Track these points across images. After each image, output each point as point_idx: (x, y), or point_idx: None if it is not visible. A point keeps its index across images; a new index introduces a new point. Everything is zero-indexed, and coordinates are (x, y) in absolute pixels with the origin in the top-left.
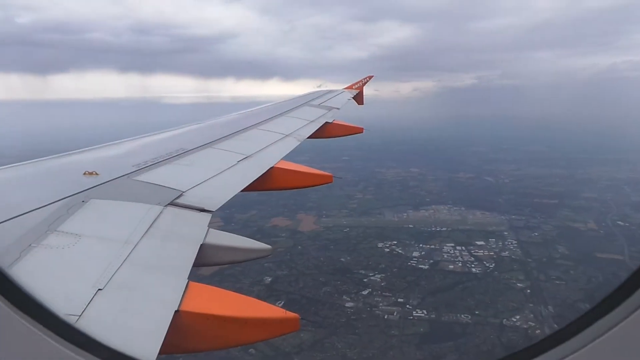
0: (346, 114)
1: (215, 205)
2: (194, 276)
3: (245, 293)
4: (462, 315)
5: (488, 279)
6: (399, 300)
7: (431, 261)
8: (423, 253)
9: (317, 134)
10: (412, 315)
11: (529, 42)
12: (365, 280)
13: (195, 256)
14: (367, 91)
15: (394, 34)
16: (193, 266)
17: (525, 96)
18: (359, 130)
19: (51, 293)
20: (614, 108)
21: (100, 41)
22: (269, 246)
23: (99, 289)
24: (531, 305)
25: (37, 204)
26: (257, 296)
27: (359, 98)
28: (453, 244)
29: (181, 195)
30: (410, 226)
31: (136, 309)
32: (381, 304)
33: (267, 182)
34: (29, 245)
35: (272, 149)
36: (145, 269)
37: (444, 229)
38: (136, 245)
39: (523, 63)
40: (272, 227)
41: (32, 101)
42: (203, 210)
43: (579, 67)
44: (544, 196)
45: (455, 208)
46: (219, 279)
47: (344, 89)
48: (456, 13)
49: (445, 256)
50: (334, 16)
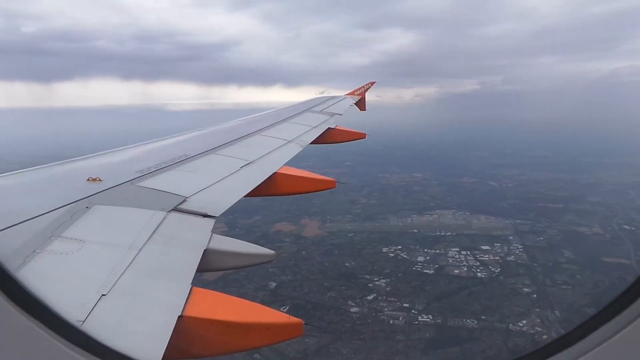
0: (348, 119)
1: (218, 211)
2: (198, 281)
3: (249, 298)
4: (468, 320)
5: (494, 283)
6: (405, 305)
7: (436, 266)
8: (428, 258)
9: (320, 140)
10: (418, 320)
11: (531, 47)
12: (370, 285)
13: (198, 262)
14: (370, 97)
15: (397, 40)
16: (197, 272)
17: (528, 101)
18: (361, 136)
19: (55, 298)
20: (617, 112)
21: (104, 49)
22: (273, 251)
23: (102, 295)
24: (537, 310)
25: (41, 210)
26: (261, 301)
27: (361, 104)
28: (458, 249)
29: (184, 200)
30: (415, 231)
31: (140, 314)
32: (386, 309)
33: (270, 187)
34: (33, 251)
35: (275, 155)
36: (149, 274)
37: (448, 233)
38: (140, 251)
39: (526, 68)
40: (276, 233)
41: (37, 109)
42: (206, 215)
43: (581, 71)
44: (549, 200)
45: (459, 213)
46: (223, 284)
47: (346, 95)
48: (459, 19)
49: (451, 261)
50: (337, 24)
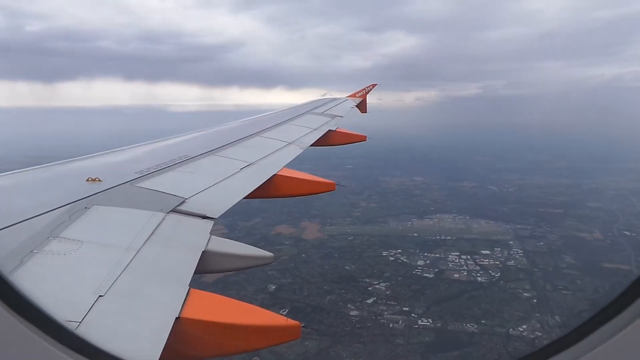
0: (349, 122)
1: (217, 212)
2: (197, 283)
3: (249, 301)
4: (468, 325)
5: (494, 288)
6: (404, 309)
7: (436, 270)
8: (428, 262)
9: (321, 142)
10: (418, 324)
11: (535, 52)
12: (370, 288)
13: (197, 263)
14: (371, 100)
15: (399, 43)
16: (195, 273)
17: (530, 106)
18: (362, 139)
19: (52, 299)
20: (619, 118)
21: (108, 49)
22: (271, 254)
23: (100, 296)
24: (538, 314)
25: (40, 210)
26: (261, 304)
27: (362, 106)
28: (458, 253)
29: (184, 202)
30: (415, 235)
31: (137, 315)
32: (386, 313)
33: (270, 189)
34: (31, 251)
35: (275, 157)
36: (147, 275)
37: (448, 237)
38: (138, 252)
39: (528, 73)
40: (276, 235)
41: (39, 108)
42: (205, 217)
43: (585, 77)
44: (549, 205)
45: (459, 217)
46: (222, 286)
47: (347, 97)
48: (461, 23)
49: (451, 265)
50: (341, 26)
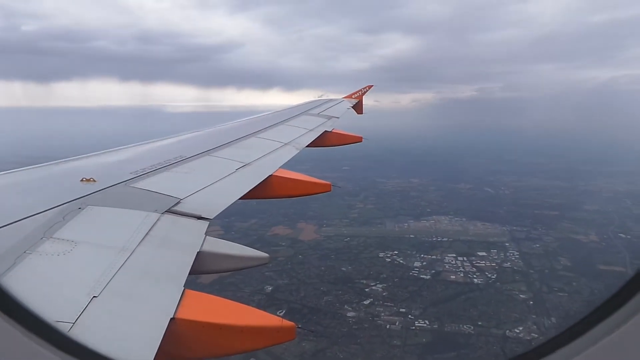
0: (346, 123)
1: (212, 213)
2: (193, 284)
3: (245, 302)
4: (465, 326)
5: (490, 289)
6: (401, 310)
7: (433, 271)
8: (424, 263)
9: (317, 143)
10: (415, 326)
11: (530, 54)
12: (366, 290)
13: (192, 264)
14: (367, 101)
15: (396, 45)
16: (190, 274)
17: (526, 108)
18: (358, 140)
19: (45, 300)
20: (614, 120)
21: (104, 50)
22: (267, 254)
23: (94, 296)
24: (534, 316)
25: (33, 210)
26: (257, 305)
27: (358, 107)
28: (454, 255)
29: (179, 202)
30: (412, 236)
31: (131, 316)
32: (383, 314)
33: (265, 190)
34: (24, 252)
35: (271, 157)
36: (142, 276)
37: (445, 239)
38: (132, 253)
39: (524, 75)
40: (272, 236)
41: (34, 108)
42: (200, 217)
43: (579, 79)
44: (545, 208)
45: (456, 219)
46: (219, 287)
47: (344, 98)
48: (459, 25)
49: (447, 266)
50: (338, 28)
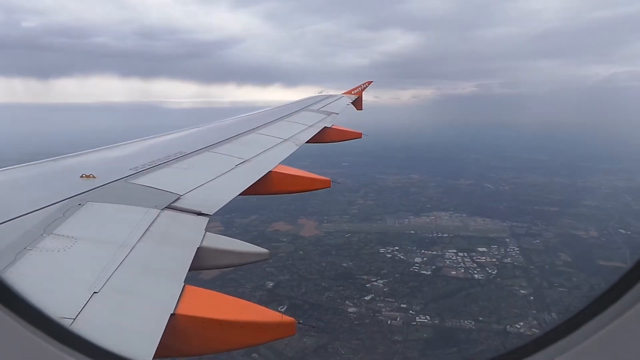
0: (345, 119)
1: (212, 209)
2: (195, 280)
3: (247, 297)
4: (466, 321)
5: (491, 285)
6: (402, 305)
7: (433, 267)
8: (425, 259)
9: (316, 139)
10: (416, 321)
11: (531, 51)
12: (367, 285)
13: (192, 260)
14: (367, 97)
15: (397, 41)
16: (190, 270)
17: (526, 104)
18: (357, 136)
19: (46, 296)
20: (614, 117)
21: (105, 45)
22: (267, 250)
23: (94, 292)
24: (534, 311)
25: (34, 206)
26: (259, 301)
27: (357, 103)
28: (455, 250)
29: (178, 198)
30: (412, 232)
31: (132, 312)
32: (384, 310)
33: (265, 186)
34: (25, 248)
35: (271, 153)
36: (142, 272)
37: (445, 235)
38: (132, 249)
39: (524, 72)
40: (273, 232)
41: (34, 104)
42: (200, 213)
43: (580, 76)
44: (545, 204)
45: (456, 214)
46: (221, 283)
47: (343, 94)
48: (459, 21)
49: (448, 262)
50: (339, 24)
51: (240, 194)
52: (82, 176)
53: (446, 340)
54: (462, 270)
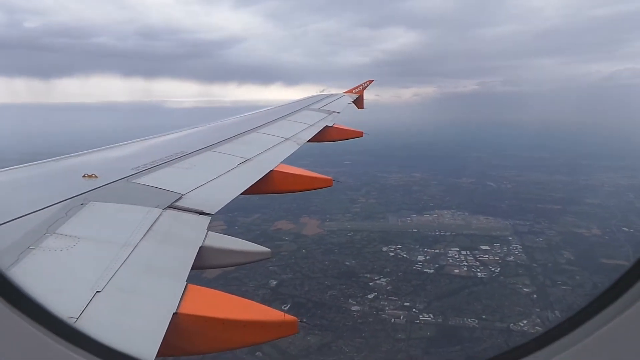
0: (347, 118)
1: (214, 208)
2: (198, 279)
3: (250, 296)
4: (469, 320)
5: (494, 283)
6: (405, 304)
7: (436, 265)
8: (428, 257)
9: (317, 138)
10: (419, 319)
11: (532, 49)
12: (370, 284)
13: (194, 259)
14: (368, 96)
15: (399, 39)
16: (192, 269)
17: (528, 102)
18: (358, 134)
19: (49, 295)
20: (616, 115)
21: (106, 45)
22: (269, 249)
23: (97, 292)
24: (538, 310)
25: (36, 206)
26: (262, 299)
27: (359, 102)
28: (458, 249)
29: (180, 198)
30: (415, 230)
31: (134, 311)
32: (387, 308)
33: (267, 185)
34: (28, 248)
35: (272, 153)
36: (144, 271)
37: (448, 233)
38: (135, 248)
39: (526, 70)
40: (275, 231)
41: (36, 104)
42: (202, 213)
43: (581, 73)
44: (547, 202)
45: (458, 213)
46: (224, 282)
47: (344, 93)
48: (461, 19)
49: (451, 260)
50: (341, 22)
51: (241, 194)
52: (84, 176)
53: (449, 339)
54: (465, 269)
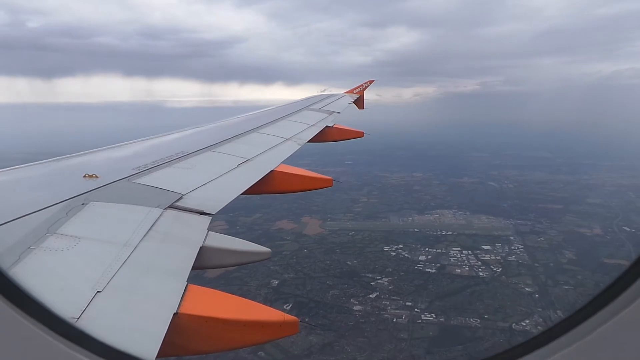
0: (347, 118)
1: (215, 208)
2: (200, 278)
3: (252, 296)
4: (471, 319)
5: (496, 283)
6: (407, 303)
7: (438, 265)
8: (430, 257)
9: (318, 138)
10: (421, 319)
11: (533, 48)
12: (372, 283)
13: (194, 259)
14: (369, 96)
15: (401, 39)
16: (193, 269)
17: (529, 102)
18: (359, 135)
19: (50, 295)
20: (617, 114)
21: (108, 45)
22: (268, 249)
23: (98, 291)
24: (540, 309)
25: (37, 206)
26: (264, 299)
27: (359, 102)
28: (459, 248)
29: (181, 198)
30: (416, 230)
31: (135, 311)
32: (389, 308)
33: (267, 185)
34: (29, 248)
35: (273, 153)
36: (145, 271)
37: (449, 233)
38: (135, 248)
39: (526, 69)
40: (277, 230)
41: (38, 104)
42: (203, 213)
43: (582, 73)
44: (549, 201)
45: (460, 212)
46: (225, 281)
47: (345, 93)
48: (462, 19)
49: (452, 260)
50: (343, 22)
51: (242, 194)
52: (85, 176)
53: (452, 338)
54: (467, 268)
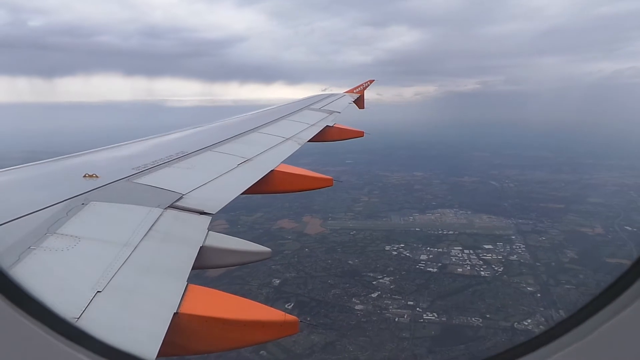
0: (348, 118)
1: (215, 208)
2: (201, 277)
3: (253, 295)
4: (473, 319)
5: (497, 282)
6: (409, 303)
7: (439, 264)
8: (431, 256)
9: (318, 138)
10: (423, 318)
11: (534, 47)
12: (374, 283)
13: (194, 259)
14: (370, 95)
15: (402, 38)
16: (193, 269)
17: (530, 101)
18: (359, 134)
19: (51, 295)
20: (618, 114)
21: (108, 44)
22: (269, 249)
23: (98, 291)
24: (542, 309)
25: (37, 206)
26: (265, 298)
27: (359, 102)
28: (461, 248)
29: (181, 197)
30: (417, 229)
31: (135, 311)
32: (391, 307)
33: (267, 185)
34: (29, 248)
35: (273, 152)
36: (145, 271)
37: (451, 232)
38: (136, 248)
39: (527, 69)
40: (278, 230)
41: (39, 104)
42: (203, 212)
43: (583, 72)
44: (550, 201)
45: (461, 212)
46: (227, 281)
47: (345, 92)
48: (464, 18)
49: (454, 259)
50: (345, 21)
51: (242, 193)
52: (85, 176)
53: (454, 338)
54: (469, 268)
